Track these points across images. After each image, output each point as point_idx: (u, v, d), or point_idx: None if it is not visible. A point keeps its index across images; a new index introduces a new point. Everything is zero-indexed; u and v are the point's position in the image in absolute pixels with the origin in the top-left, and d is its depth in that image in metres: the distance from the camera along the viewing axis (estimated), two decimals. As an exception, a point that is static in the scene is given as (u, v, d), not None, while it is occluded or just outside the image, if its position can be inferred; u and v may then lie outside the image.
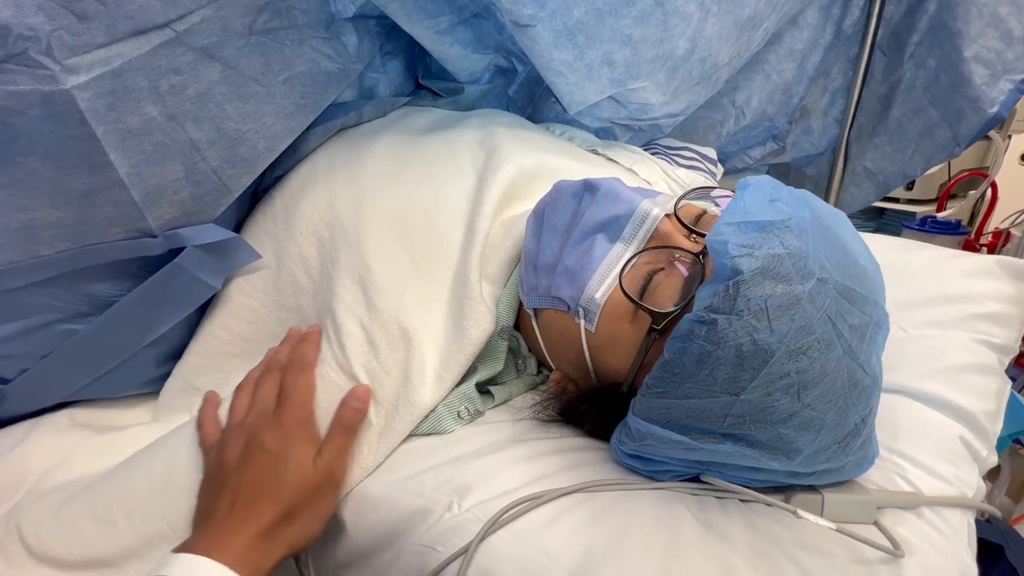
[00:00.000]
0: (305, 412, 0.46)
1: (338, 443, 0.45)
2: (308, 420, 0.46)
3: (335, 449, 0.45)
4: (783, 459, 0.41)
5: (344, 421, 0.46)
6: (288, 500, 0.42)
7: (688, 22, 0.65)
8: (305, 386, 0.47)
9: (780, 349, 0.37)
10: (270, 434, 0.44)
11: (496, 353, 0.53)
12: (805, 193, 0.44)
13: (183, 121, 0.46)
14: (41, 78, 0.39)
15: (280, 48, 0.50)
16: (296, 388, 0.47)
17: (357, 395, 0.46)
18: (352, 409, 0.46)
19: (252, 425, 0.45)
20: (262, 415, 0.46)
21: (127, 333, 0.51)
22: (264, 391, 0.47)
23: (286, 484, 0.42)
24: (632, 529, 0.41)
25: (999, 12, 0.86)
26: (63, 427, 0.54)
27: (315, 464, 0.44)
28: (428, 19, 0.59)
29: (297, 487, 0.42)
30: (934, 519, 0.45)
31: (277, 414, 0.46)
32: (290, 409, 0.46)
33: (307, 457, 0.44)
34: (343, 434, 0.45)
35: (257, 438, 0.44)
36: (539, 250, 0.50)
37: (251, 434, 0.45)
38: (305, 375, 0.48)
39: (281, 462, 0.43)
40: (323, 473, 0.44)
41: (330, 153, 0.60)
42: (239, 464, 0.43)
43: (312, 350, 0.49)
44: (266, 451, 0.43)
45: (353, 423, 0.46)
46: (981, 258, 0.66)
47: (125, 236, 0.47)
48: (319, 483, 0.43)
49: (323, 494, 0.44)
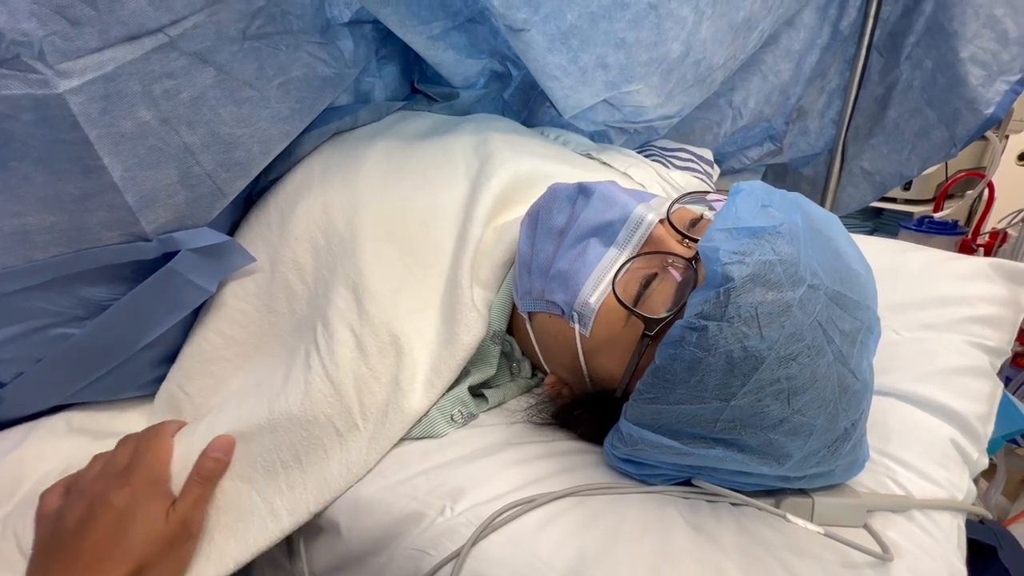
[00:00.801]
0: (157, 472, 0.44)
1: (195, 494, 0.43)
2: (159, 478, 0.44)
3: (191, 501, 0.43)
4: (773, 464, 0.41)
5: (203, 472, 0.44)
6: (137, 557, 0.40)
7: (682, 25, 0.66)
8: (159, 448, 0.45)
9: (770, 356, 0.37)
10: (117, 491, 0.42)
11: (489, 357, 0.53)
12: (798, 197, 0.44)
13: (177, 125, 0.46)
14: (34, 82, 0.39)
15: (275, 53, 0.50)
16: (148, 449, 0.45)
17: (218, 446, 0.45)
18: (212, 460, 0.45)
19: (96, 486, 0.43)
20: (109, 475, 0.43)
21: (122, 337, 0.51)
22: (115, 456, 0.45)
23: (134, 541, 0.40)
24: (624, 533, 0.41)
25: (995, 13, 0.86)
26: (60, 431, 0.54)
27: (167, 517, 0.42)
28: (421, 24, 0.59)
29: (147, 542, 0.40)
30: (924, 522, 0.45)
31: (126, 472, 0.43)
32: (140, 468, 0.43)
33: (157, 511, 0.42)
34: (200, 484, 0.44)
35: (102, 498, 0.41)
36: (533, 253, 0.51)
37: (95, 494, 0.42)
38: (160, 438, 0.46)
39: (128, 519, 0.41)
40: (176, 525, 0.42)
41: (325, 158, 0.60)
42: (79, 527, 0.40)
43: (172, 425, 0.48)
44: (111, 509, 0.41)
45: (213, 474, 0.44)
46: (975, 260, 0.66)
47: (119, 240, 0.47)
48: (172, 536, 0.41)
49: (176, 546, 0.42)
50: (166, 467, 0.45)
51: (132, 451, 0.46)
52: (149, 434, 0.47)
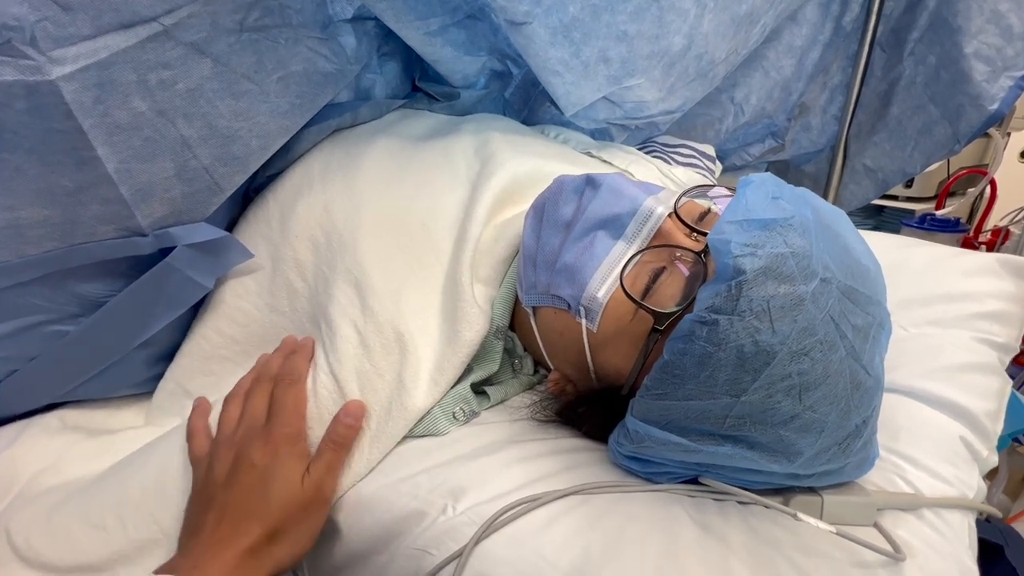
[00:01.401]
0: (294, 427, 0.45)
1: (328, 459, 0.44)
2: (298, 435, 0.45)
3: (324, 466, 0.44)
4: (784, 461, 0.40)
5: (335, 437, 0.45)
6: (275, 518, 0.41)
7: (684, 18, 0.65)
8: (295, 400, 0.46)
9: (782, 350, 0.37)
10: (259, 450, 0.43)
11: (491, 354, 0.52)
12: (805, 191, 0.44)
13: (173, 117, 0.45)
14: (26, 69, 0.38)
15: (273, 46, 0.49)
16: (286, 402, 0.46)
17: (349, 411, 0.45)
18: (344, 425, 0.45)
19: (241, 440, 0.44)
20: (251, 429, 0.45)
21: (118, 334, 0.50)
22: (254, 404, 0.46)
23: (273, 502, 0.41)
24: (629, 532, 0.41)
25: (999, 8, 0.86)
26: (54, 429, 0.53)
27: (303, 481, 0.43)
28: (418, 20, 0.58)
29: (284, 505, 0.42)
30: (934, 520, 0.44)
31: (266, 429, 0.44)
32: (279, 424, 0.44)
33: (295, 474, 0.43)
34: (334, 450, 0.44)
35: (245, 454, 0.43)
36: (538, 246, 0.50)
37: (239, 449, 0.44)
38: (295, 388, 0.46)
39: (269, 479, 0.42)
40: (311, 491, 0.43)
41: (326, 155, 0.60)
42: (227, 480, 0.43)
43: (304, 362, 0.48)
44: (254, 467, 0.42)
45: (345, 440, 0.45)
46: (981, 256, 0.65)
47: (115, 235, 0.47)
48: (307, 501, 0.42)
49: (311, 511, 0.43)
50: (303, 421, 0.46)
51: (268, 397, 0.46)
52: (286, 381, 0.47)
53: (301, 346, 0.49)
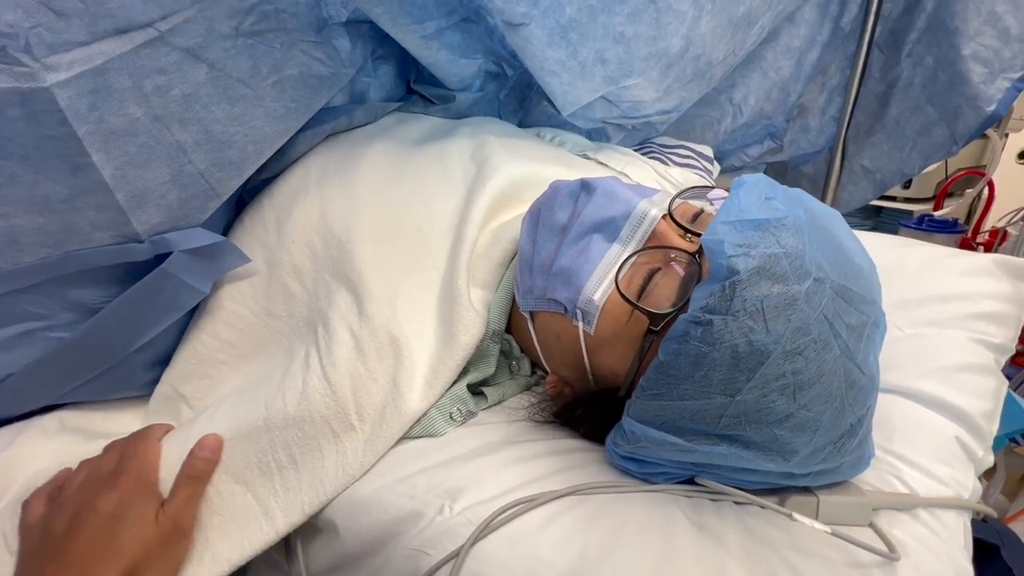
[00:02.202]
0: (145, 475, 0.43)
1: (185, 494, 0.43)
2: (148, 481, 0.43)
3: (182, 500, 0.43)
4: (779, 460, 0.40)
5: (190, 472, 0.44)
6: (129, 558, 0.39)
7: (682, 19, 0.65)
8: (145, 452, 0.45)
9: (776, 350, 0.37)
10: (103, 498, 0.41)
11: (488, 357, 0.53)
12: (800, 192, 0.44)
13: (169, 122, 0.45)
14: (20, 76, 0.38)
15: (269, 51, 0.49)
16: (135, 453, 0.44)
17: (206, 445, 0.45)
18: (201, 459, 0.44)
19: (83, 492, 0.42)
20: (95, 480, 0.43)
21: (114, 339, 0.50)
22: (101, 461, 0.45)
23: (124, 543, 0.40)
24: (626, 532, 0.41)
25: (997, 10, 0.86)
26: (52, 431, 0.53)
27: (157, 519, 0.41)
28: (414, 24, 0.58)
29: (138, 543, 0.40)
30: (930, 521, 0.44)
31: (112, 477, 0.43)
32: (128, 472, 0.43)
33: (148, 513, 0.41)
34: (190, 485, 0.43)
35: (89, 503, 0.41)
36: (534, 251, 0.50)
37: (81, 501, 0.41)
38: (147, 442, 0.45)
39: (118, 522, 0.40)
40: (167, 525, 0.41)
41: (322, 159, 0.60)
42: (67, 531, 0.40)
43: (159, 428, 0.48)
44: (99, 514, 0.40)
45: (202, 473, 0.44)
46: (978, 257, 0.65)
47: (110, 241, 0.46)
48: (163, 536, 0.41)
49: (170, 545, 0.42)
50: (155, 470, 0.44)
51: (119, 456, 0.45)
52: (136, 438, 0.46)
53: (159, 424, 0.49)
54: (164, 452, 0.46)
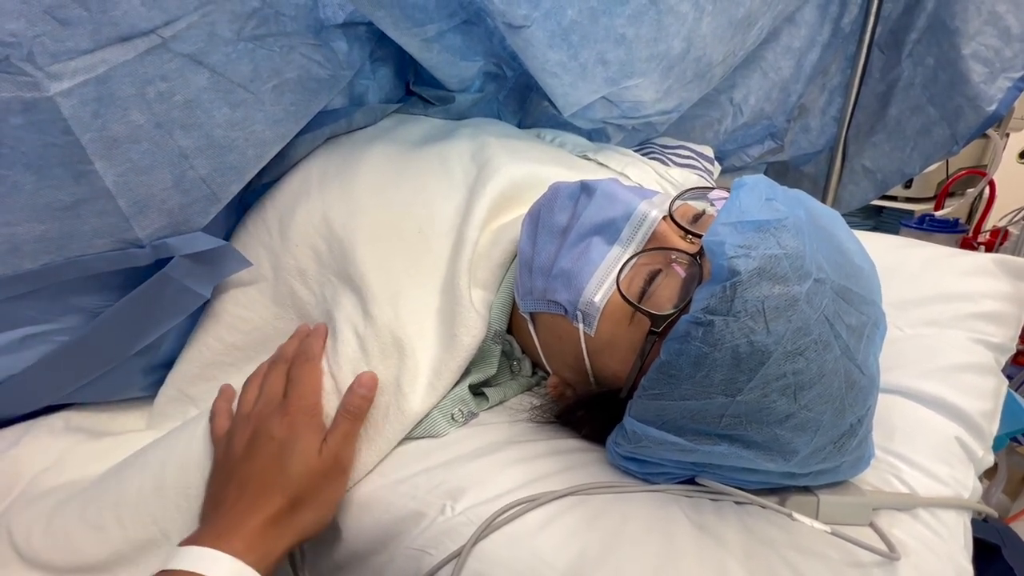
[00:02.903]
0: (311, 400, 0.46)
1: (344, 429, 0.45)
2: (314, 408, 0.46)
3: (341, 435, 0.45)
4: (779, 460, 0.41)
5: (350, 408, 0.46)
6: (294, 488, 0.42)
7: (683, 21, 0.65)
8: (311, 376, 0.47)
9: (777, 350, 0.37)
10: (276, 423, 0.44)
11: (489, 357, 0.53)
12: (800, 193, 0.44)
13: (171, 129, 0.45)
14: (23, 85, 0.38)
15: (269, 54, 0.49)
16: (302, 378, 0.47)
17: (363, 382, 0.46)
18: (358, 396, 0.46)
19: (259, 415, 0.46)
20: (269, 404, 0.46)
21: (115, 342, 0.50)
22: (271, 382, 0.48)
23: (292, 472, 0.42)
24: (626, 532, 0.41)
25: (997, 10, 0.86)
26: (57, 430, 0.54)
27: (321, 451, 0.44)
28: (415, 27, 0.58)
29: (303, 474, 0.42)
30: (930, 520, 0.44)
31: (284, 403, 0.46)
32: (296, 398, 0.46)
33: (312, 445, 0.44)
34: (349, 421, 0.45)
35: (264, 427, 0.44)
36: (534, 253, 0.50)
37: (258, 424, 0.45)
38: (311, 365, 0.48)
39: (287, 450, 0.43)
40: (329, 460, 0.44)
41: (322, 162, 0.60)
42: (245, 454, 0.44)
43: (318, 343, 0.49)
44: (272, 440, 0.43)
45: (359, 410, 0.46)
46: (978, 256, 0.65)
47: (111, 247, 0.47)
48: (325, 470, 0.43)
49: (330, 480, 0.44)
50: (319, 396, 0.47)
51: (286, 378, 0.48)
52: (301, 359, 0.48)
53: (315, 330, 0.51)
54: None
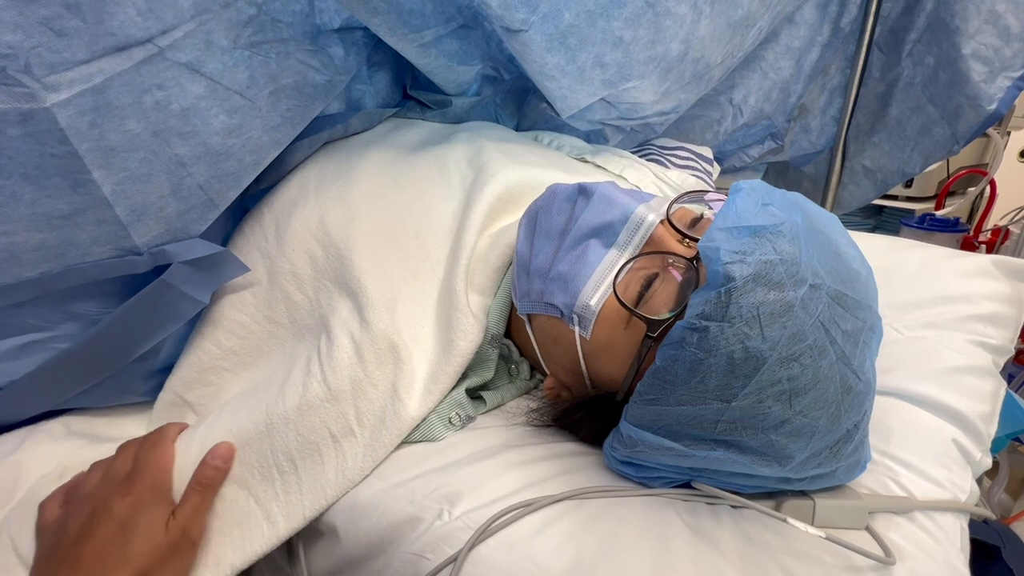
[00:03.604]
0: (159, 479, 0.44)
1: (194, 502, 0.44)
2: (161, 486, 0.44)
3: (191, 508, 0.43)
4: (775, 465, 0.41)
5: (202, 479, 0.44)
6: (138, 565, 0.40)
7: (680, 23, 0.65)
8: (160, 455, 0.45)
9: (772, 356, 0.37)
10: (117, 501, 0.42)
11: (487, 361, 0.53)
12: (797, 196, 0.44)
13: (168, 137, 0.45)
14: (20, 96, 0.38)
15: (265, 61, 0.49)
16: (151, 457, 0.45)
17: (218, 454, 0.45)
18: (212, 467, 0.45)
19: (98, 494, 0.43)
20: (110, 483, 0.44)
21: (114, 348, 0.50)
22: (116, 463, 0.45)
23: (135, 549, 0.40)
24: (622, 536, 0.41)
25: (997, 9, 0.86)
26: (58, 435, 0.54)
27: (168, 526, 0.42)
28: (412, 33, 0.58)
29: (148, 551, 0.40)
30: (926, 523, 0.44)
31: (128, 481, 0.43)
32: (143, 476, 0.44)
33: (158, 520, 0.42)
34: (200, 493, 0.44)
35: (104, 506, 0.42)
36: (531, 255, 0.50)
37: (96, 503, 0.42)
38: (162, 446, 0.46)
39: (130, 527, 0.41)
40: (176, 533, 0.42)
41: (319, 167, 0.60)
42: (81, 534, 0.41)
43: (174, 429, 0.48)
44: (112, 518, 0.41)
45: (213, 481, 0.45)
46: (977, 258, 0.65)
47: (110, 255, 0.47)
48: (172, 543, 0.42)
49: (177, 554, 0.42)
50: (168, 473, 0.45)
51: (134, 458, 0.45)
52: (151, 440, 0.47)
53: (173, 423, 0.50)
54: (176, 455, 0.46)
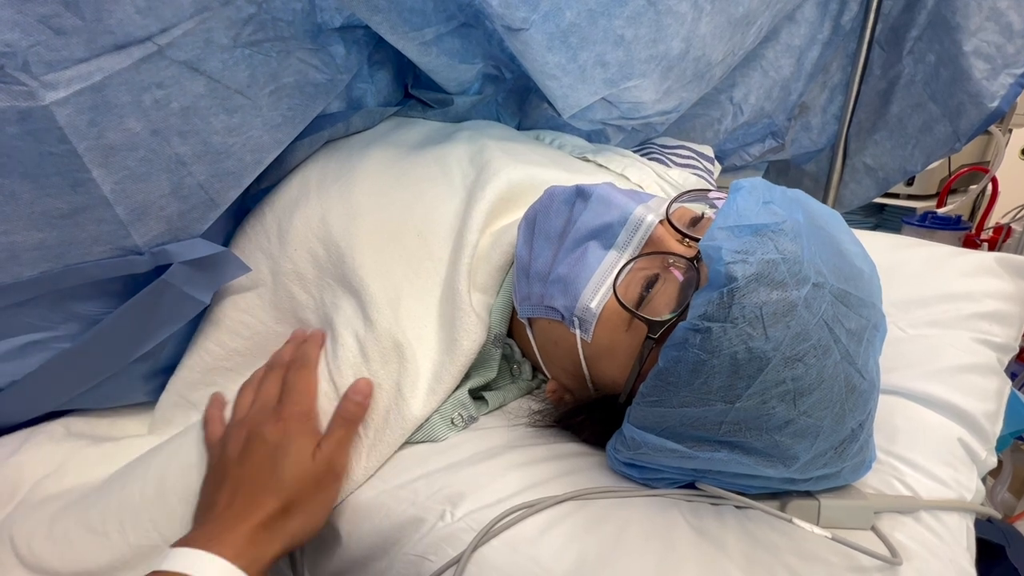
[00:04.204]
0: (306, 405, 0.46)
1: (338, 435, 0.45)
2: (309, 413, 0.46)
3: (335, 441, 0.45)
4: (779, 466, 0.40)
5: (345, 414, 0.46)
6: (287, 492, 0.42)
7: (681, 21, 0.65)
8: (306, 381, 0.47)
9: (776, 356, 0.37)
10: (270, 427, 0.44)
11: (489, 361, 0.53)
12: (799, 193, 0.44)
13: (168, 136, 0.45)
14: (18, 94, 0.38)
15: (266, 60, 0.49)
16: (297, 383, 0.47)
17: (359, 388, 0.47)
18: (353, 403, 0.46)
19: (253, 419, 0.46)
20: (263, 409, 0.46)
21: (115, 349, 0.50)
22: (267, 387, 0.48)
23: (285, 476, 0.42)
24: (626, 537, 0.41)
25: (999, 6, 0.86)
26: (59, 436, 0.54)
27: (314, 456, 0.44)
28: (413, 31, 0.58)
29: (296, 479, 0.42)
30: (932, 523, 0.44)
31: (278, 408, 0.46)
32: (291, 403, 0.46)
33: (306, 449, 0.44)
34: (343, 426, 0.45)
35: (258, 431, 0.44)
36: (531, 258, 0.50)
37: (252, 428, 0.45)
38: (307, 371, 0.48)
39: (280, 454, 0.43)
40: (322, 465, 0.44)
41: (321, 166, 0.60)
42: (239, 457, 0.44)
43: (315, 348, 0.50)
44: (266, 444, 0.44)
45: (355, 416, 0.46)
46: (980, 255, 0.65)
47: (110, 254, 0.47)
48: (318, 475, 0.43)
49: (323, 486, 0.44)
50: (314, 398, 0.47)
51: (282, 383, 0.48)
52: (297, 364, 0.48)
53: (311, 335, 0.51)
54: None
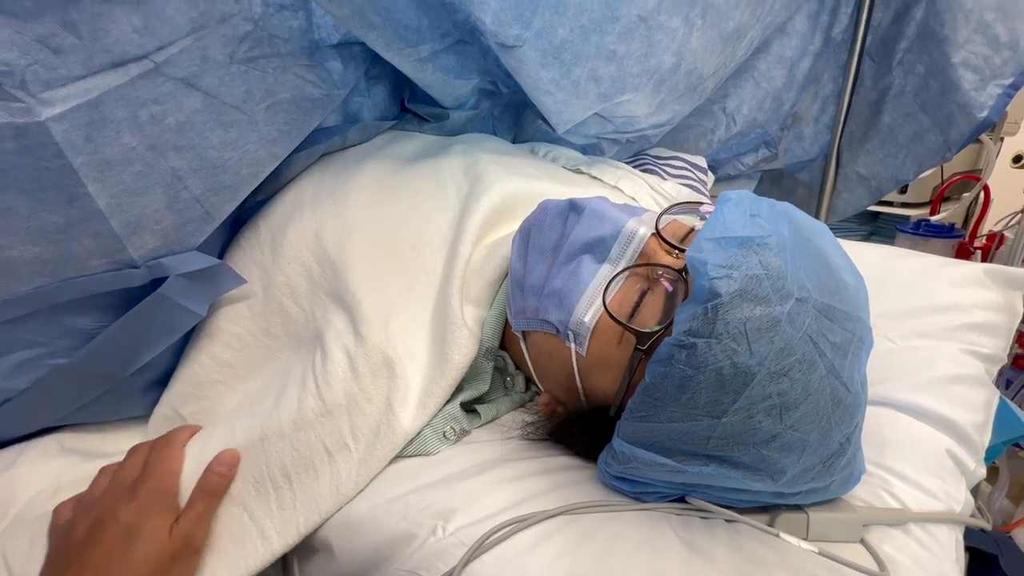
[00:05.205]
0: (166, 483, 0.44)
1: (199, 509, 0.43)
2: (168, 491, 0.44)
3: (195, 515, 0.43)
4: (767, 480, 0.41)
5: (207, 486, 0.44)
6: (140, 572, 0.40)
7: (672, 36, 0.66)
8: (169, 458, 0.45)
9: (761, 372, 0.37)
10: (124, 506, 0.42)
11: (482, 374, 0.53)
12: (786, 206, 0.44)
13: (164, 150, 0.45)
14: (15, 111, 0.38)
15: (262, 76, 0.50)
16: (160, 461, 0.45)
17: (223, 460, 0.45)
18: (217, 474, 0.45)
19: (104, 500, 0.43)
20: (117, 489, 0.44)
21: (112, 363, 0.50)
22: (126, 467, 0.46)
23: (138, 556, 0.40)
24: (617, 551, 0.41)
25: (986, 18, 0.86)
26: (52, 452, 0.54)
27: (171, 532, 0.42)
28: (408, 48, 0.58)
29: (149, 558, 0.40)
30: (921, 535, 0.45)
31: (134, 486, 0.44)
32: (149, 481, 0.44)
33: (162, 526, 0.42)
34: (204, 499, 0.44)
35: (109, 511, 0.42)
36: (525, 271, 0.50)
37: (103, 508, 0.43)
38: (171, 449, 0.46)
39: (134, 533, 0.41)
40: (179, 540, 0.42)
41: (316, 180, 0.60)
42: (86, 540, 0.41)
43: (185, 431, 0.48)
44: (118, 523, 0.41)
45: (217, 488, 0.44)
46: (969, 267, 0.65)
47: (106, 268, 0.47)
48: (175, 551, 0.42)
49: (179, 561, 0.42)
50: (176, 478, 0.45)
51: (142, 462, 0.46)
52: (160, 444, 0.47)
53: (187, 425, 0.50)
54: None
